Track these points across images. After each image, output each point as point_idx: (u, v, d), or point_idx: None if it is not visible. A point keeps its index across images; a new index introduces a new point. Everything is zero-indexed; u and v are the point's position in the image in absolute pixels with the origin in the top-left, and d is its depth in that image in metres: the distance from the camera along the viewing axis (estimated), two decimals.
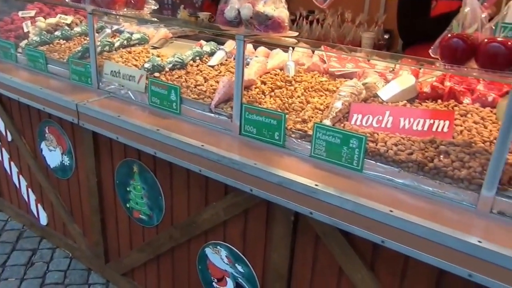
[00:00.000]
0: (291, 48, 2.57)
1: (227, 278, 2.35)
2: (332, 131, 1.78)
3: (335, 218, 1.63)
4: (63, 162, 2.99)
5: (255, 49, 2.87)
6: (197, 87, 2.32)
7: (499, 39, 1.39)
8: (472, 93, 2.07)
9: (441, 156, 1.64)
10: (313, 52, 2.70)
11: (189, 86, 2.32)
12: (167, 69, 2.52)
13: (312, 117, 1.99)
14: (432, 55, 1.56)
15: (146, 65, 2.45)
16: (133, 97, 2.45)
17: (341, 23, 4.79)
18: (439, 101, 2.07)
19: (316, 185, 1.66)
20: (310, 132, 1.87)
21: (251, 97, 2.18)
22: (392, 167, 1.69)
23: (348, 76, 2.38)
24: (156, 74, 2.47)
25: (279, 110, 2.07)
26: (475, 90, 2.07)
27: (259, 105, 2.11)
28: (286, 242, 1.97)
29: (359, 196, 1.60)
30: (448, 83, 2.12)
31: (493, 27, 1.48)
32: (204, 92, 2.26)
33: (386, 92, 2.11)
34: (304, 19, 4.85)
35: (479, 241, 1.37)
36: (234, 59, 2.74)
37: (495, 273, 1.35)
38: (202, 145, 1.94)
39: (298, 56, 2.64)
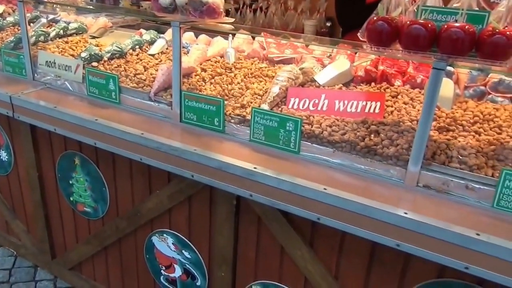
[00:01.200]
0: (230, 35, 2.59)
1: (175, 265, 2.37)
2: (269, 115, 1.82)
3: (274, 199, 1.68)
4: (1, 157, 2.89)
5: (197, 37, 2.87)
6: (137, 76, 2.30)
7: (420, 21, 1.47)
8: (403, 75, 2.17)
9: (372, 136, 1.71)
10: (253, 38, 2.72)
11: (128, 75, 2.30)
12: (105, 59, 2.48)
13: (251, 103, 2.02)
14: (361, 39, 1.62)
15: (83, 55, 2.40)
16: (70, 88, 2.39)
17: (285, 11, 4.85)
18: (373, 84, 2.16)
19: (254, 167, 1.70)
20: (248, 117, 1.91)
21: (191, 85, 2.19)
22: (327, 147, 1.76)
23: (286, 61, 2.43)
24: (94, 64, 2.43)
25: (219, 96, 2.09)
26: (406, 73, 2.17)
27: (199, 92, 2.12)
28: (230, 225, 2.01)
29: (295, 176, 1.65)
30: (381, 67, 2.21)
31: (415, 10, 1.56)
32: (144, 81, 2.25)
33: (322, 76, 2.18)
34: (248, 7, 4.87)
35: (405, 213, 1.45)
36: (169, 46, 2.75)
37: (420, 242, 1.44)
38: (142, 134, 1.94)
39: (238, 43, 2.66)
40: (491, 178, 1.51)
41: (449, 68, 2.08)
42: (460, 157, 1.58)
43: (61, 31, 2.87)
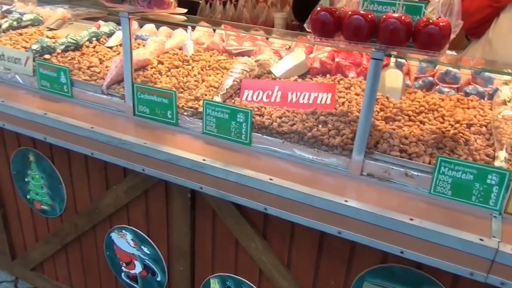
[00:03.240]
0: (190, 28, 2.59)
1: (135, 261, 2.36)
2: (220, 107, 1.83)
3: (223, 191, 1.69)
4: None
5: (158, 29, 2.85)
6: (90, 68, 2.27)
7: (361, 11, 1.49)
8: (357, 67, 2.20)
9: (320, 126, 1.74)
10: (214, 31, 2.72)
11: (81, 67, 2.27)
12: (59, 51, 2.44)
13: (205, 95, 2.03)
14: (307, 29, 1.64)
15: (34, 47, 2.36)
16: (21, 81, 2.34)
17: (255, 4, 4.86)
18: (328, 75, 2.19)
19: (203, 159, 1.71)
20: (201, 110, 1.91)
21: (145, 77, 2.18)
22: (277, 138, 1.77)
23: (245, 54, 2.44)
24: (47, 56, 2.39)
25: (173, 89, 2.08)
26: (360, 64, 2.20)
27: (154, 85, 2.11)
28: (186, 219, 2.02)
29: (244, 168, 1.67)
30: (337, 59, 2.24)
31: (359, 1, 1.58)
32: (98, 74, 2.23)
33: (278, 68, 2.20)
34: (218, 0, 4.87)
35: (346, 201, 1.48)
36: (135, 39, 2.73)
37: (359, 228, 1.47)
38: (92, 127, 1.92)
39: (198, 36, 2.66)
40: (428, 166, 1.55)
41: (400, 60, 2.13)
42: (402, 146, 1.62)
43: (15, 23, 2.80)
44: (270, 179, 1.59)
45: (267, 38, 2.57)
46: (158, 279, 2.31)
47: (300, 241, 1.78)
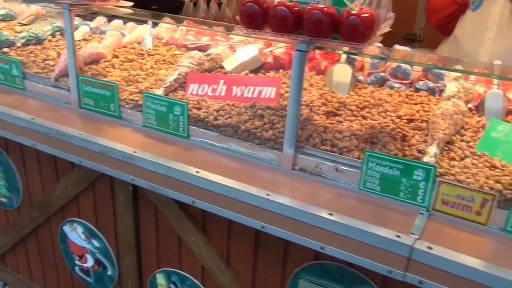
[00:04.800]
0: (150, 23, 2.58)
1: (87, 255, 2.35)
2: (158, 100, 1.81)
3: (153, 183, 1.67)
4: None
5: (124, 24, 2.84)
6: (45, 61, 2.26)
7: (288, 3, 1.46)
8: (309, 62, 2.17)
9: (256, 120, 1.71)
10: (177, 26, 2.70)
11: (36, 61, 2.26)
12: (19, 44, 2.44)
13: (151, 88, 2.01)
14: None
15: None
16: None
17: (239, 3, 4.83)
18: (281, 70, 2.16)
19: (134, 152, 1.69)
20: (141, 102, 1.89)
21: (96, 70, 2.16)
22: (213, 132, 1.75)
23: (202, 49, 2.42)
24: (6, 50, 2.39)
25: (123, 82, 2.07)
26: (312, 59, 2.17)
27: (104, 78, 2.10)
28: (129, 213, 2.00)
29: (176, 161, 1.65)
30: (292, 53, 2.20)
31: None
32: (51, 67, 2.22)
33: (230, 63, 2.17)
34: None
35: (268, 195, 1.45)
36: (99, 34, 2.73)
37: (280, 223, 1.44)
38: (32, 119, 1.91)
39: (159, 31, 2.64)
40: (358, 160, 1.51)
41: (352, 56, 2.09)
42: (334, 140, 1.58)
43: None
44: (197, 172, 1.57)
45: (227, 34, 2.54)
46: (109, 273, 2.29)
47: (237, 238, 1.76)
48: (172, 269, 2.03)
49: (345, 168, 1.53)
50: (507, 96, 1.86)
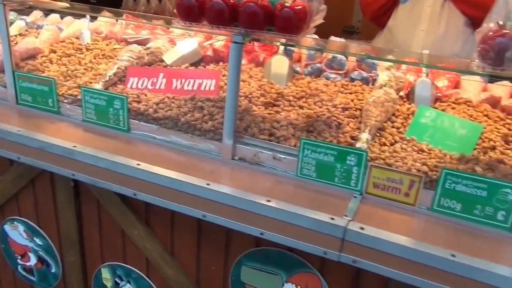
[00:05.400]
0: (88, 17, 2.53)
1: (29, 253, 2.29)
2: (98, 94, 1.79)
3: (94, 177, 1.66)
4: None
5: (62, 19, 2.77)
6: None
7: None
8: (248, 54, 2.21)
9: (195, 111, 1.73)
10: (116, 20, 2.67)
11: None
12: None
13: (90, 83, 1.98)
14: None
15: None
16: None
17: None
18: (221, 63, 2.18)
19: (74, 146, 1.67)
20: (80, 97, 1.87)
21: (33, 66, 2.11)
22: (153, 124, 1.76)
23: (142, 42, 2.40)
24: None
25: (61, 77, 2.03)
26: (252, 51, 2.21)
27: (41, 73, 2.05)
28: (71, 208, 1.97)
29: (117, 154, 1.65)
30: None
31: None
32: None
33: (170, 56, 2.18)
34: None
35: (208, 184, 1.48)
36: (36, 28, 2.64)
37: (220, 211, 1.48)
38: None
39: (98, 25, 2.60)
40: (294, 148, 1.57)
41: (290, 47, 2.15)
42: (271, 129, 1.63)
43: None
44: (138, 164, 1.58)
45: (167, 28, 2.54)
46: (53, 270, 2.25)
47: (180, 228, 1.78)
48: (116, 263, 2.03)
49: (282, 156, 1.59)
50: (435, 84, 1.97)
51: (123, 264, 2.01)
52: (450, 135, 1.64)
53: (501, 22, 1.22)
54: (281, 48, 2.11)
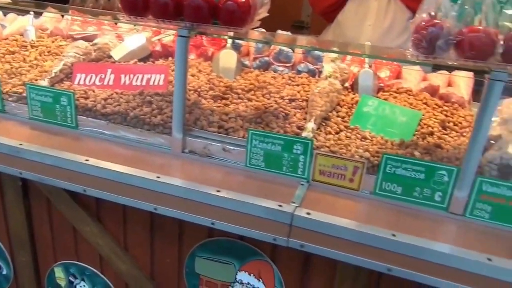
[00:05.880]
0: (31, 13, 2.46)
1: None
2: (43, 91, 1.76)
3: (41, 174, 1.64)
4: None
5: (5, 15, 2.68)
6: None
7: None
8: (197, 49, 2.23)
9: (144, 106, 1.73)
10: (62, 16, 2.61)
11: None
12: None
13: (36, 80, 1.94)
14: None
15: None
16: None
17: None
18: (170, 58, 2.18)
19: (20, 144, 1.64)
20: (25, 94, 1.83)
21: None
22: (102, 120, 1.75)
23: (89, 39, 2.36)
24: None
25: (5, 75, 1.98)
26: (200, 46, 2.23)
27: None
28: (20, 208, 1.93)
29: (65, 151, 1.63)
30: None
31: None
32: None
33: (118, 52, 2.16)
34: None
35: (158, 177, 1.50)
36: None
37: (169, 203, 1.50)
38: None
39: (43, 21, 2.53)
40: (242, 139, 1.61)
41: (238, 41, 2.18)
42: (221, 122, 1.66)
43: None
44: (86, 160, 1.57)
45: (115, 23, 2.51)
46: (4, 272, 2.19)
47: (133, 223, 1.78)
48: (69, 261, 2.00)
49: (232, 147, 1.62)
50: (377, 75, 2.06)
51: (76, 262, 1.99)
52: (391, 122, 1.72)
53: (432, 13, 1.29)
54: (229, 42, 2.13)
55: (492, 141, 1.52)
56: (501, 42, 1.17)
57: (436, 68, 2.03)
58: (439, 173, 1.40)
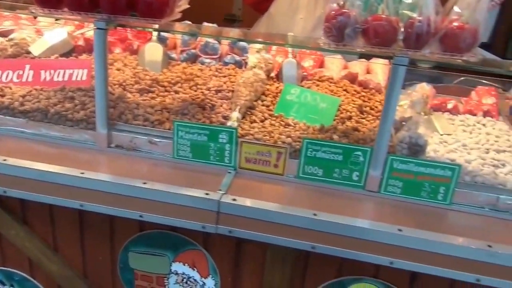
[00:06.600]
0: None
1: None
2: None
3: None
4: None
5: None
6: None
7: None
8: (122, 42, 2.20)
9: (66, 102, 1.70)
10: None
11: None
12: None
13: None
14: None
15: None
16: None
17: None
18: None
19: None
20: None
21: None
22: (20, 118, 1.69)
23: (5, 34, 2.26)
24: None
25: None
26: (125, 40, 2.20)
27: None
28: None
29: None
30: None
31: None
32: None
33: (37, 47, 2.08)
34: None
35: (82, 173, 1.48)
36: None
37: (101, 199, 1.49)
38: None
39: None
40: (169, 131, 1.62)
41: (163, 34, 2.17)
42: (146, 115, 1.66)
43: None
44: (4, 160, 1.52)
45: (34, 17, 2.42)
46: None
47: (61, 222, 1.74)
48: None
49: (158, 140, 1.63)
50: (301, 64, 2.13)
51: (3, 268, 1.92)
52: (313, 109, 1.80)
53: (341, 2, 1.37)
54: (155, 35, 2.12)
55: (404, 123, 1.63)
56: (402, 29, 1.26)
57: (348, 55, 2.10)
58: (355, 154, 1.48)
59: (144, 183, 1.46)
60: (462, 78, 2.27)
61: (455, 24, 1.24)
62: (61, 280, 1.84)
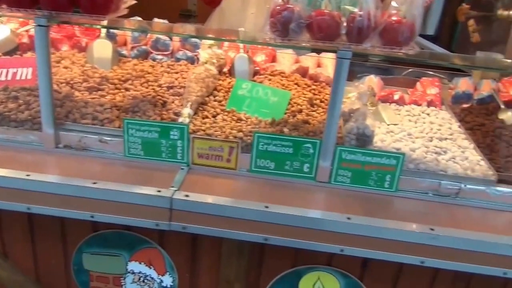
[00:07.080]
0: None
1: None
2: None
3: None
4: None
5: None
6: None
7: None
8: (70, 39, 2.14)
9: (9, 102, 1.65)
10: None
11: None
12: None
13: None
14: None
15: None
16: None
17: None
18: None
19: None
20: None
21: None
22: None
23: None
24: None
25: None
26: (73, 36, 2.15)
27: None
28: None
29: None
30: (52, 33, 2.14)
31: None
32: None
33: None
34: None
35: (28, 175, 1.44)
36: None
37: (48, 201, 1.45)
38: None
39: None
40: (119, 130, 1.60)
41: (113, 30, 2.13)
42: (95, 113, 1.63)
43: None
44: None
45: None
46: None
47: (9, 226, 1.69)
48: None
49: (108, 138, 1.60)
50: (253, 59, 2.14)
51: None
52: (264, 103, 1.81)
53: None
54: (104, 31, 2.08)
55: (352, 114, 1.68)
56: (344, 24, 1.29)
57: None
58: (305, 146, 1.51)
59: (94, 182, 1.44)
60: (410, 70, 2.35)
61: (394, 18, 1.28)
62: (13, 286, 1.79)
